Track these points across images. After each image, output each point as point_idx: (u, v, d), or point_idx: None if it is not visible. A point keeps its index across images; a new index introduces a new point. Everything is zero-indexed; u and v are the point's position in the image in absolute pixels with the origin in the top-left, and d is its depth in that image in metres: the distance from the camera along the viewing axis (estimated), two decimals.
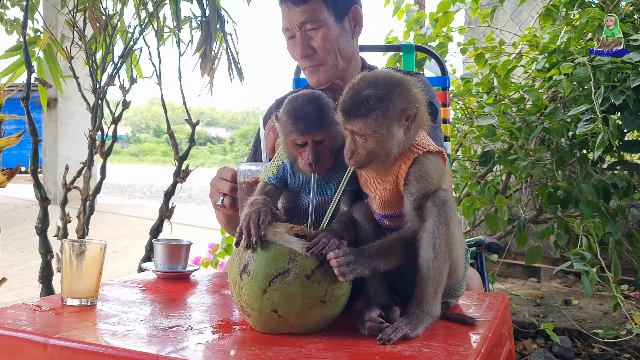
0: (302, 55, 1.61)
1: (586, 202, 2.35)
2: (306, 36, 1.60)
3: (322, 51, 1.60)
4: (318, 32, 1.59)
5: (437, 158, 1.10)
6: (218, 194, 1.45)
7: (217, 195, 1.46)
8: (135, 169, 23.71)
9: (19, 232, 6.01)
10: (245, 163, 1.39)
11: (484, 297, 1.34)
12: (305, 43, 1.60)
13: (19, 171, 1.73)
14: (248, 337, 1.02)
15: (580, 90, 2.43)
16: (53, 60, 2.49)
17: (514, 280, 4.05)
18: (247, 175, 1.35)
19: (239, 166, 1.38)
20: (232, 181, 1.42)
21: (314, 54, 1.61)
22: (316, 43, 1.59)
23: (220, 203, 1.45)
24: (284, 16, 1.62)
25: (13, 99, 2.03)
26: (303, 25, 1.58)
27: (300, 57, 1.62)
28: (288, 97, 1.19)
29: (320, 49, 1.60)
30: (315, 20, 1.57)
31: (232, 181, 1.42)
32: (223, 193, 1.44)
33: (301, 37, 1.60)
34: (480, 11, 3.32)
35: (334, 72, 1.63)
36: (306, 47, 1.60)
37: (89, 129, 2.48)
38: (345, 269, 0.99)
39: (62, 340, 0.96)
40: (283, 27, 1.63)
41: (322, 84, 1.64)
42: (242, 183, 1.36)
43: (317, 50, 1.60)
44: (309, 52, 1.60)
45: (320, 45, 1.59)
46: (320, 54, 1.60)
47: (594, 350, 2.80)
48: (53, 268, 2.24)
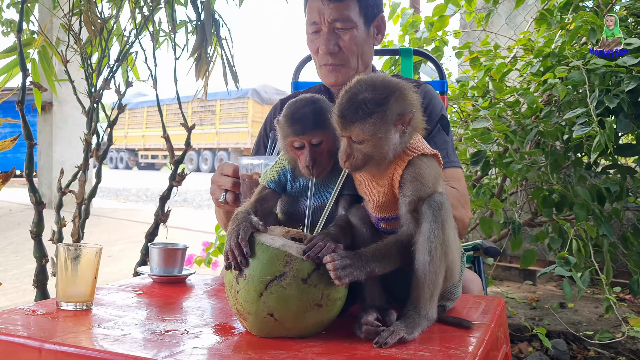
0: (327, 52, 1.58)
1: (580, 204, 2.36)
2: (334, 34, 1.58)
3: (347, 52, 1.58)
4: (347, 33, 1.57)
5: (432, 161, 1.10)
6: (220, 191, 1.43)
7: (218, 191, 1.43)
8: (130, 173, 23.65)
9: (14, 236, 5.97)
10: (247, 157, 1.39)
11: (480, 300, 1.34)
12: (333, 40, 1.57)
13: (14, 175, 1.72)
14: (244, 341, 1.02)
15: (575, 94, 2.44)
16: (48, 63, 2.48)
17: (509, 283, 4.05)
18: (249, 169, 1.35)
19: (241, 160, 1.37)
20: (233, 176, 1.40)
21: (338, 53, 1.59)
22: (343, 43, 1.57)
23: (222, 199, 1.42)
24: (312, 8, 1.59)
25: (8, 103, 2.03)
26: (334, 22, 1.56)
27: (324, 53, 1.59)
28: (288, 100, 1.19)
29: (346, 49, 1.58)
30: (347, 20, 1.56)
31: (233, 176, 1.40)
32: (225, 189, 1.42)
33: (329, 34, 1.57)
34: (475, 15, 3.33)
35: (352, 74, 1.61)
36: (333, 45, 1.58)
37: (84, 132, 2.47)
38: (341, 272, 0.99)
39: (57, 345, 0.95)
40: (309, 19, 1.60)
41: (339, 84, 1.61)
42: (244, 176, 1.36)
43: (343, 49, 1.58)
44: (335, 50, 1.58)
45: (347, 46, 1.58)
46: (345, 54, 1.59)
47: (590, 353, 2.80)
48: (48, 272, 2.22)
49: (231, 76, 2.47)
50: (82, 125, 2.71)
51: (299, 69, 2.21)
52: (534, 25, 3.07)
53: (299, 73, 2.21)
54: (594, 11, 2.67)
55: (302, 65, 2.21)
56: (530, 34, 3.06)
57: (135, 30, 2.47)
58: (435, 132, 1.62)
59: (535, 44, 2.92)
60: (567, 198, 2.48)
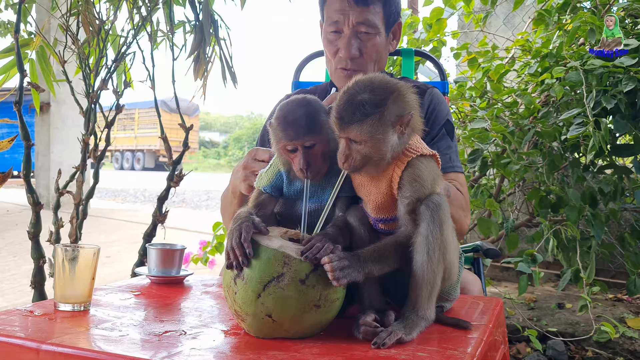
0: (348, 56, 1.54)
1: (571, 206, 2.37)
2: (357, 38, 1.54)
3: (368, 58, 1.55)
4: (371, 38, 1.54)
5: (431, 161, 1.10)
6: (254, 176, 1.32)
7: (252, 177, 1.32)
8: (128, 174, 23.62)
9: (11, 237, 5.96)
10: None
11: (478, 300, 1.34)
12: (356, 45, 1.53)
13: (11, 175, 1.72)
14: (242, 341, 1.01)
15: (573, 95, 2.45)
16: (46, 64, 2.48)
17: (507, 284, 4.06)
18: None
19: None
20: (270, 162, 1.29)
21: (358, 58, 1.55)
22: (365, 49, 1.54)
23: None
24: (334, 7, 1.54)
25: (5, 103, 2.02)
26: (359, 26, 1.52)
27: (345, 58, 1.55)
28: (281, 102, 1.19)
29: (367, 56, 1.55)
30: (372, 26, 1.53)
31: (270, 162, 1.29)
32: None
33: (352, 38, 1.53)
34: (473, 16, 3.34)
35: None
36: (355, 49, 1.53)
37: (81, 133, 2.47)
38: (339, 273, 0.99)
39: (54, 346, 0.95)
40: (329, 18, 1.56)
41: None
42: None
43: (363, 55, 1.55)
44: (356, 55, 1.54)
45: (368, 52, 1.54)
46: (365, 60, 1.55)
47: (587, 354, 2.81)
48: (45, 273, 2.22)
49: (230, 76, 2.47)
50: (80, 126, 2.70)
51: (299, 68, 2.20)
52: (531, 26, 3.08)
53: (299, 73, 2.20)
54: (591, 12, 2.67)
55: (303, 65, 2.20)
56: (528, 35, 3.07)
57: (133, 31, 2.46)
58: (440, 137, 1.61)
59: (533, 45, 2.92)
60: (563, 199, 2.48)
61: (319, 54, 2.20)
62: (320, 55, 2.20)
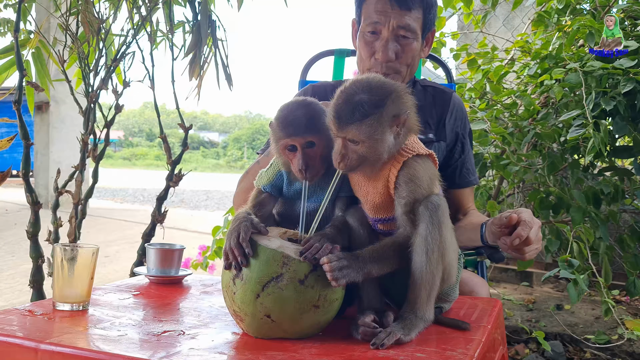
0: (385, 60, 1.52)
1: (576, 207, 2.36)
2: (396, 42, 1.52)
3: (403, 62, 1.54)
4: (408, 43, 1.52)
5: (427, 161, 1.10)
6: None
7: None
8: (127, 173, 23.62)
9: (10, 237, 5.96)
10: None
11: (477, 301, 1.34)
12: (393, 48, 1.52)
13: (10, 175, 1.71)
14: (241, 342, 1.01)
15: (572, 96, 2.45)
16: (42, 64, 2.47)
17: (506, 285, 4.06)
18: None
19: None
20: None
21: (394, 62, 1.53)
22: (402, 53, 1.53)
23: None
24: (374, 7, 1.52)
25: (4, 102, 2.02)
26: (398, 29, 1.51)
27: (382, 61, 1.53)
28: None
29: (403, 60, 1.54)
30: (412, 31, 1.51)
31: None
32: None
33: (391, 41, 1.52)
34: (473, 17, 3.34)
35: None
36: (392, 53, 1.52)
37: (81, 132, 2.47)
38: (338, 273, 0.99)
39: (53, 346, 0.95)
40: (368, 17, 1.53)
41: None
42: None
43: (399, 59, 1.53)
44: (392, 59, 1.53)
45: (404, 57, 1.53)
46: (400, 64, 1.54)
47: (586, 355, 2.81)
48: (44, 272, 2.22)
49: (225, 77, 2.46)
50: (79, 125, 2.70)
51: (307, 68, 2.19)
52: (531, 28, 3.08)
53: (307, 72, 2.19)
54: (591, 14, 2.67)
55: (311, 64, 2.19)
56: (527, 36, 3.07)
57: (133, 31, 2.46)
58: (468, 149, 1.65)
59: (532, 46, 2.92)
60: (564, 200, 2.48)
61: (326, 53, 2.19)
62: (328, 55, 2.19)
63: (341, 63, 2.18)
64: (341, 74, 2.17)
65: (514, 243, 1.14)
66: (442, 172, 1.16)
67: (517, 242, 1.14)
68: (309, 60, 2.20)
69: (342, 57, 2.16)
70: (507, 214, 1.17)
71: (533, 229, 1.16)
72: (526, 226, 1.15)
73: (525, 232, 1.14)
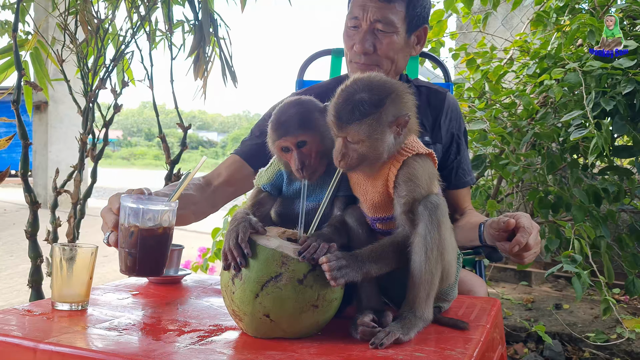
0: (361, 51, 1.54)
1: (578, 206, 2.36)
2: (373, 34, 1.53)
3: (382, 55, 1.54)
4: (387, 37, 1.53)
5: (427, 160, 1.10)
6: (106, 228, 1.22)
7: (105, 229, 1.23)
8: (126, 173, 23.59)
9: (8, 236, 5.95)
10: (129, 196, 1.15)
11: (475, 301, 1.34)
12: (370, 40, 1.53)
13: (9, 174, 1.71)
14: (240, 341, 1.01)
15: (571, 96, 2.45)
16: (40, 64, 2.47)
17: (505, 284, 4.06)
18: (129, 215, 1.13)
19: (122, 200, 1.14)
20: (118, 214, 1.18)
21: (372, 54, 1.54)
22: (380, 45, 1.53)
23: (105, 240, 1.23)
24: (357, 4, 1.54)
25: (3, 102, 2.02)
26: (375, 23, 1.52)
27: (359, 52, 1.54)
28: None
29: (382, 53, 1.54)
30: (389, 24, 1.52)
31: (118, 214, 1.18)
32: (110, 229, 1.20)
33: (368, 33, 1.53)
34: (471, 17, 3.34)
35: None
36: (369, 45, 1.53)
37: (79, 132, 2.46)
38: (337, 273, 0.99)
39: (52, 345, 0.95)
40: (351, 13, 1.56)
41: None
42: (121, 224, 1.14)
43: (377, 51, 1.54)
44: (370, 51, 1.53)
45: (383, 49, 1.54)
46: (379, 57, 1.55)
47: (585, 354, 2.81)
48: (43, 272, 2.22)
49: (230, 75, 2.47)
50: (77, 125, 2.70)
51: (304, 67, 2.19)
52: (530, 27, 3.08)
53: (304, 71, 2.20)
54: (590, 13, 2.67)
55: (308, 63, 2.20)
56: (526, 36, 3.07)
57: (132, 30, 2.46)
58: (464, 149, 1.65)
59: (531, 46, 2.92)
60: (563, 199, 2.48)
61: (323, 52, 2.20)
62: (325, 55, 2.20)
63: (338, 62, 2.18)
64: (338, 73, 2.17)
65: (513, 250, 1.14)
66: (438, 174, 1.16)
67: (516, 249, 1.14)
68: (306, 60, 2.20)
69: (339, 57, 2.17)
70: (505, 219, 1.16)
71: (532, 235, 1.15)
72: (525, 232, 1.14)
73: (525, 238, 1.13)
